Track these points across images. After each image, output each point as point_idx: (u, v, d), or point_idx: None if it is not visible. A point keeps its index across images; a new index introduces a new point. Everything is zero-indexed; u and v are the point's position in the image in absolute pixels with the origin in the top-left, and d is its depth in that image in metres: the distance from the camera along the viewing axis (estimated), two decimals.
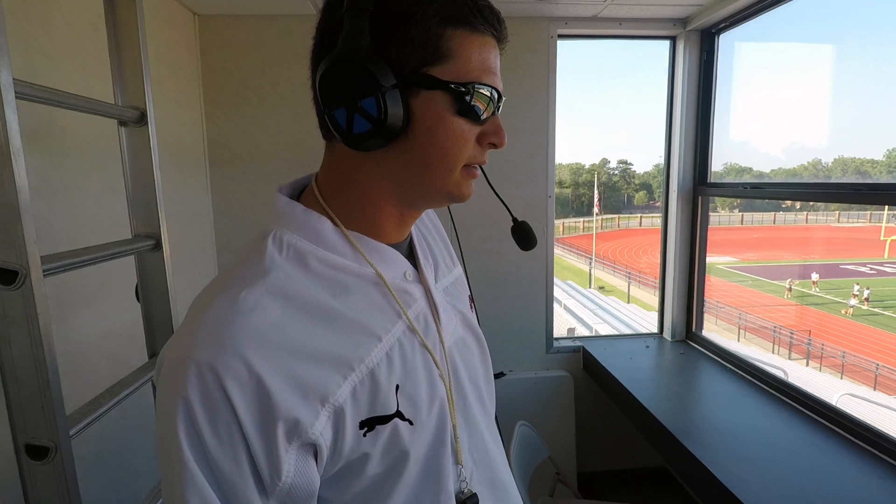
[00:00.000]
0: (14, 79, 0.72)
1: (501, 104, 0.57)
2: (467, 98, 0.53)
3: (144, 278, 1.12)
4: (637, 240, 33.44)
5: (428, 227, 0.76)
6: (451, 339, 0.65)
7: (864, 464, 1.39)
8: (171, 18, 1.83)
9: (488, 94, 0.54)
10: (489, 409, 0.72)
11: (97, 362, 1.33)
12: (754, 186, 2.04)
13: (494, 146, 0.58)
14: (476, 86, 0.53)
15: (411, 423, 0.56)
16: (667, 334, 2.42)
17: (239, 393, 0.46)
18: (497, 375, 2.23)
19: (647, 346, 2.35)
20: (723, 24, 2.10)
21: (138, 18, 1.04)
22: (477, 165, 0.59)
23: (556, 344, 2.34)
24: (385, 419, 0.54)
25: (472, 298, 0.76)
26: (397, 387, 0.56)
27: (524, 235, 0.78)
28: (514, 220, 0.79)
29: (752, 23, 2.01)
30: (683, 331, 2.38)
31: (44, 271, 0.77)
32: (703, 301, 2.35)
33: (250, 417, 0.46)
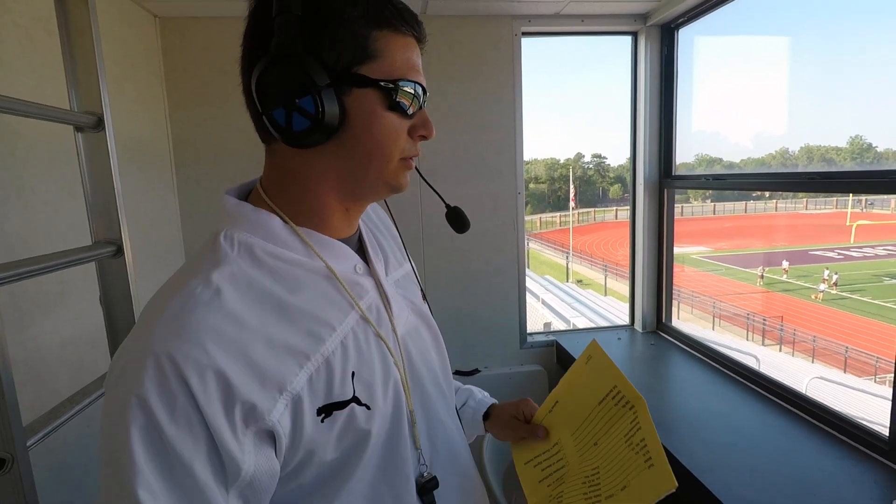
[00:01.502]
0: None
1: (426, 98, 0.61)
2: (395, 94, 0.56)
3: (106, 285, 1.11)
4: (613, 232, 33.91)
5: (376, 223, 0.79)
6: (403, 328, 0.68)
7: (825, 446, 1.44)
8: (131, 20, 1.80)
9: (412, 90, 0.58)
10: (448, 397, 0.74)
11: (58, 371, 1.31)
12: (717, 178, 2.09)
13: (424, 137, 0.62)
14: (402, 83, 0.57)
15: (368, 407, 0.59)
16: (638, 326, 2.47)
17: (199, 381, 0.47)
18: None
19: (619, 339, 2.40)
20: (682, 19, 2.14)
21: (92, 21, 1.02)
22: (412, 157, 0.62)
23: (529, 339, 2.37)
24: (342, 405, 0.57)
25: (423, 294, 0.79)
26: (353, 374, 0.58)
27: (458, 220, 0.82)
28: (447, 206, 0.82)
29: (711, 17, 2.06)
30: (654, 322, 2.44)
31: (3, 278, 0.76)
32: (671, 292, 2.40)
33: (210, 404, 0.47)
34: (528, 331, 2.38)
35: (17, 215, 1.19)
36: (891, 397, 1.33)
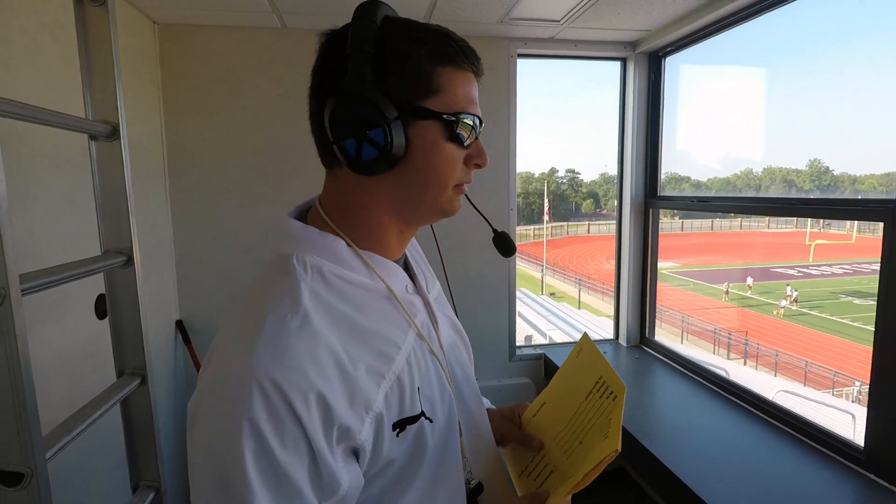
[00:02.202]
0: None
1: (482, 129, 0.65)
2: (456, 126, 0.60)
3: (114, 294, 1.09)
4: (585, 246, 34.46)
5: (411, 246, 0.81)
6: (447, 343, 0.72)
7: (805, 456, 1.51)
8: (130, 26, 1.78)
9: (471, 122, 0.62)
10: (483, 406, 0.78)
11: (54, 382, 1.28)
12: (701, 200, 2.18)
13: (479, 166, 0.66)
14: (462, 115, 0.61)
15: (430, 420, 0.62)
16: (622, 340, 2.53)
17: (303, 405, 0.49)
18: None
19: (605, 352, 2.45)
20: (669, 49, 2.24)
21: (111, 31, 1.02)
22: (464, 184, 0.66)
23: (518, 352, 2.40)
24: (413, 419, 0.60)
25: (454, 306, 0.82)
26: (418, 389, 0.61)
27: (505, 244, 0.86)
28: (494, 230, 0.86)
29: (695, 48, 2.16)
30: (638, 336, 2.50)
31: (22, 290, 0.75)
32: (654, 308, 2.48)
33: (313, 426, 0.50)
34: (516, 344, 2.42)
35: (21, 224, 1.17)
36: (851, 411, 1.41)
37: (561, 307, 10.95)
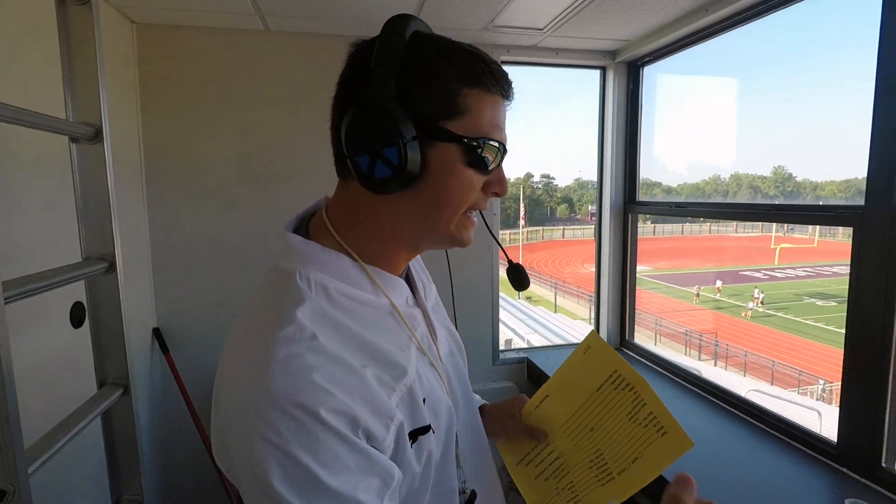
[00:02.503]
0: None
1: (504, 156, 0.62)
2: (478, 151, 0.58)
3: (95, 302, 1.06)
4: (560, 251, 34.84)
5: None
6: (444, 353, 0.72)
7: (783, 453, 1.56)
8: (107, 25, 1.73)
9: (497, 147, 0.60)
10: (476, 411, 0.78)
11: (30, 393, 1.23)
12: (678, 205, 2.23)
13: (497, 195, 0.64)
14: (486, 141, 0.58)
15: (434, 431, 0.62)
16: None
17: (330, 416, 0.49)
18: None
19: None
20: (647, 58, 2.29)
21: (95, 31, 0.99)
22: (476, 211, 0.64)
23: (501, 356, 2.41)
24: (425, 430, 0.59)
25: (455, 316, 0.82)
26: (424, 400, 0.61)
27: (518, 276, 0.83)
28: (510, 261, 0.84)
29: (672, 58, 2.22)
30: (618, 339, 2.54)
31: (6, 298, 0.72)
32: (634, 310, 2.52)
33: (344, 431, 0.49)
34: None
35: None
36: (816, 408, 1.46)
37: (538, 311, 11.03)
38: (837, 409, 1.48)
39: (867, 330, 1.37)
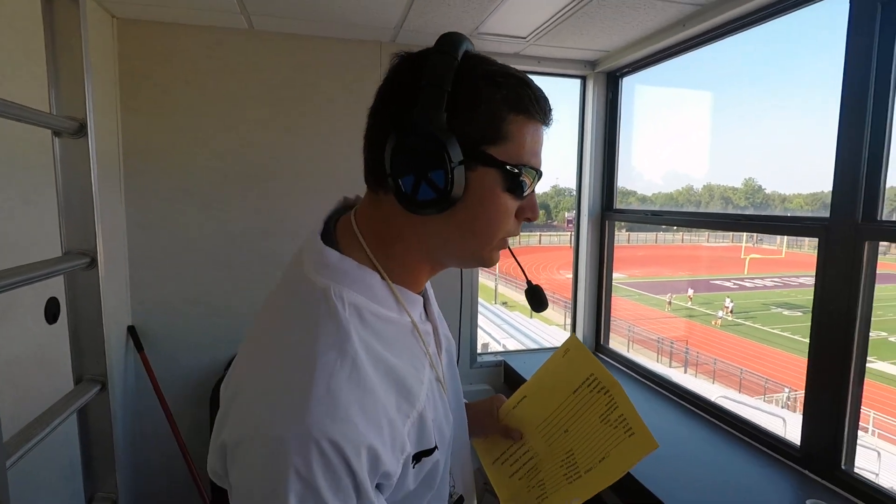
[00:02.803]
0: None
1: (539, 182, 0.63)
2: (518, 177, 0.58)
3: (74, 297, 1.05)
4: (537, 257, 35.15)
5: None
6: (445, 364, 0.72)
7: (750, 455, 1.61)
8: (87, 19, 1.72)
9: (534, 175, 0.60)
10: (465, 419, 0.79)
11: (2, 391, 1.21)
12: (654, 213, 2.29)
13: (529, 220, 0.64)
14: (525, 168, 0.59)
15: (438, 448, 0.62)
16: None
17: (356, 458, 0.49)
18: None
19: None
20: (626, 69, 2.36)
21: (82, 24, 0.99)
22: (507, 238, 0.64)
23: (479, 359, 2.44)
24: (429, 452, 0.60)
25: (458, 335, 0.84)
26: (432, 420, 0.61)
27: (538, 298, 0.81)
28: (529, 283, 0.82)
29: (650, 70, 2.29)
30: (594, 344, 2.59)
31: None
32: (609, 317, 2.58)
33: (363, 476, 0.50)
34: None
35: None
36: (781, 415, 1.53)
37: (514, 316, 11.13)
38: (801, 415, 1.55)
39: (831, 338, 1.43)
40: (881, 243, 1.37)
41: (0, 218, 1.19)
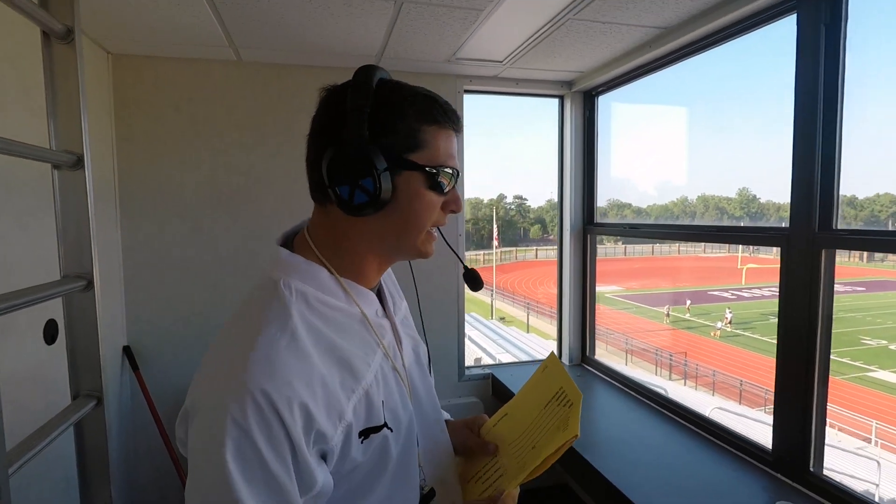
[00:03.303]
0: None
1: (458, 179, 0.74)
2: (437, 177, 0.69)
3: (72, 318, 1.12)
4: (534, 271, 35.25)
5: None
6: (409, 361, 0.80)
7: (724, 459, 1.68)
8: (83, 55, 1.81)
9: (451, 173, 0.71)
10: (440, 416, 0.86)
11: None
12: (632, 227, 2.38)
13: (454, 211, 0.75)
14: (442, 168, 0.70)
15: (392, 430, 0.70)
16: (565, 359, 2.68)
17: (288, 412, 0.57)
18: None
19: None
20: (601, 88, 2.46)
21: (78, 65, 1.07)
22: (436, 227, 0.75)
23: (467, 372, 2.50)
24: (377, 429, 0.68)
25: (423, 328, 0.91)
26: (383, 402, 0.69)
27: (474, 279, 0.93)
28: (465, 267, 0.94)
29: (624, 88, 2.39)
30: (579, 355, 2.66)
31: None
32: (594, 328, 2.64)
33: (295, 430, 0.57)
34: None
35: None
36: (772, 421, 1.58)
37: (510, 331, 11.13)
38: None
39: (794, 342, 1.50)
40: (877, 254, 1.44)
41: None
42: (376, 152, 0.65)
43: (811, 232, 1.45)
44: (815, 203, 1.44)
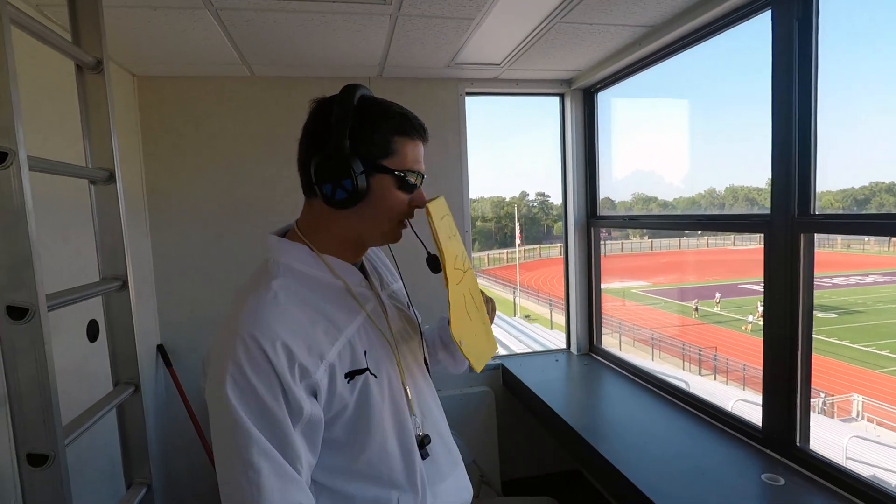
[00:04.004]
0: (28, 155, 0.91)
1: (423, 180, 0.89)
2: (405, 179, 0.85)
3: (111, 315, 1.27)
4: (558, 268, 34.92)
5: (375, 255, 1.07)
6: (396, 328, 0.95)
7: (718, 438, 1.75)
8: (112, 79, 1.98)
9: (415, 177, 0.87)
10: (430, 381, 1.02)
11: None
12: (632, 218, 2.45)
13: (418, 206, 0.90)
14: (409, 172, 0.86)
15: (375, 376, 0.85)
16: (573, 349, 2.76)
17: (272, 349, 0.72)
18: None
19: (557, 360, 2.68)
20: (599, 85, 2.54)
21: (108, 93, 1.23)
22: (405, 220, 0.91)
23: None
24: (360, 371, 0.83)
25: (410, 304, 1.07)
26: (365, 352, 0.84)
27: (435, 263, 1.03)
28: (428, 252, 1.04)
29: (622, 84, 2.46)
30: (587, 345, 2.74)
31: (48, 307, 0.94)
32: (600, 318, 2.72)
33: (280, 364, 0.72)
34: None
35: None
36: (820, 423, 1.64)
37: (534, 328, 11.18)
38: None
39: (779, 324, 1.57)
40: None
41: (43, 253, 1.43)
42: (355, 159, 0.80)
43: (790, 217, 1.52)
44: (793, 189, 1.51)
